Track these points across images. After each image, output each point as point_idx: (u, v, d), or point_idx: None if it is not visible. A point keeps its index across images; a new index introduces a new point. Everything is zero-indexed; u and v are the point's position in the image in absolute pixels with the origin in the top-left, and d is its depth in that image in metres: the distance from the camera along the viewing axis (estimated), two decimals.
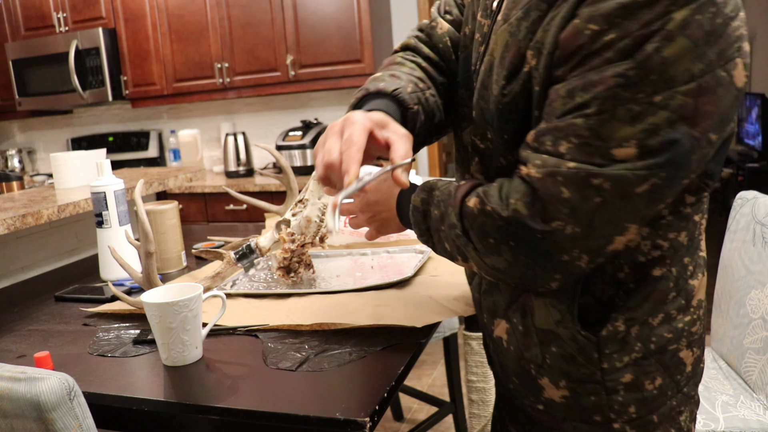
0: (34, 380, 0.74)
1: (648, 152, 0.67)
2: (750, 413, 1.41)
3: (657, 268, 0.81)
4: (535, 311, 0.86)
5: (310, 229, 1.33)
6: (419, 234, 0.91)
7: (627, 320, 0.82)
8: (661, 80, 0.66)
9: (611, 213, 0.70)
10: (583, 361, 0.84)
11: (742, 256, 1.56)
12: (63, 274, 1.70)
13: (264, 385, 0.92)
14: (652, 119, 0.67)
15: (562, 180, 0.70)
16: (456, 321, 2.12)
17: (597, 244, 0.73)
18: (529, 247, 0.74)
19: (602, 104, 0.68)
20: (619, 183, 0.69)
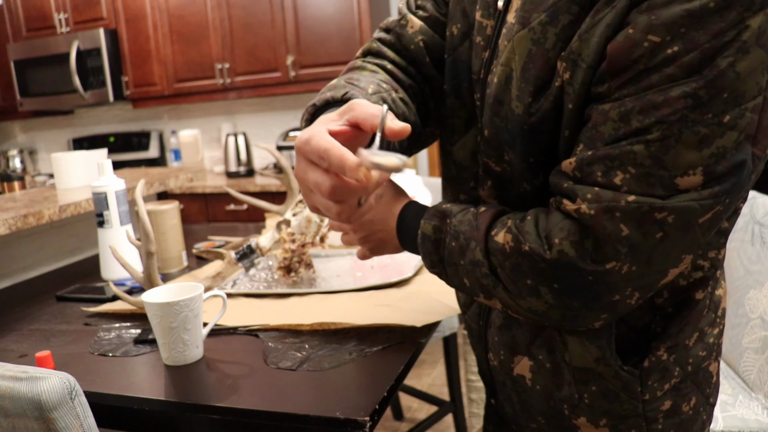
0: (36, 380, 0.74)
1: (714, 179, 0.60)
2: (748, 413, 1.41)
3: (699, 290, 0.75)
4: (568, 348, 0.78)
5: (310, 229, 1.33)
6: (429, 265, 0.81)
7: (669, 348, 0.76)
8: (731, 98, 0.58)
9: (670, 247, 0.63)
10: (627, 397, 0.77)
11: (741, 255, 1.57)
12: (64, 274, 1.71)
13: (264, 384, 0.93)
14: (721, 142, 0.59)
15: (621, 216, 0.62)
16: (456, 321, 2.12)
17: (651, 279, 0.66)
18: (578, 290, 0.66)
19: (668, 129, 0.59)
20: (684, 215, 0.61)
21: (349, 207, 0.70)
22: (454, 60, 0.84)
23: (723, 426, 1.37)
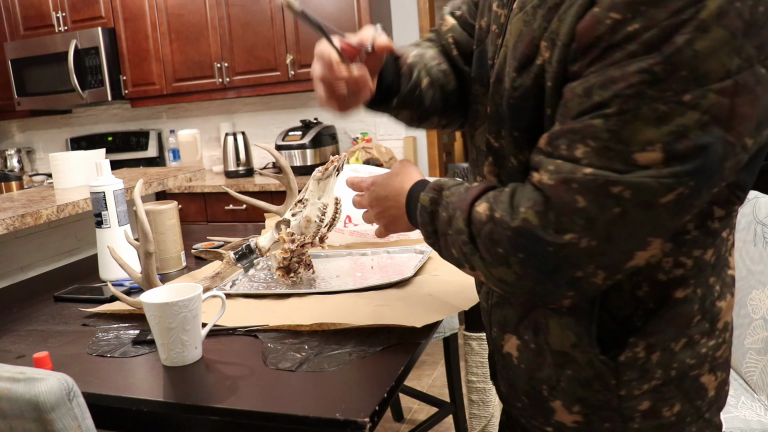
0: (33, 381, 0.74)
1: (675, 158, 0.60)
2: (751, 414, 1.40)
3: (680, 289, 0.75)
4: (549, 330, 0.80)
5: (309, 229, 1.32)
6: (426, 236, 0.85)
7: (648, 346, 0.76)
8: (692, 77, 0.59)
9: (632, 225, 0.63)
10: (600, 388, 0.78)
11: (743, 256, 1.56)
12: (62, 275, 1.70)
13: (264, 385, 0.92)
14: (681, 120, 0.59)
15: (578, 187, 0.64)
16: (456, 321, 2.12)
17: (615, 259, 0.66)
18: (540, 261, 0.68)
19: (624, 103, 0.61)
20: (641, 192, 0.62)
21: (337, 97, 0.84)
22: (480, 51, 0.90)
23: (725, 427, 1.37)
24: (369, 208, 1.00)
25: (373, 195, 0.99)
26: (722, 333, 0.80)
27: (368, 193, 1.00)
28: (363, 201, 1.02)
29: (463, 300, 1.17)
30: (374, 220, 1.00)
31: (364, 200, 1.01)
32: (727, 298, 0.80)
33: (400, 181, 0.93)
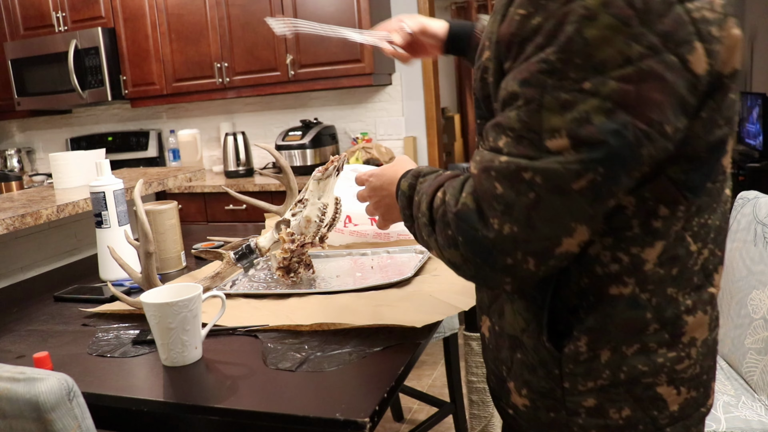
0: (33, 381, 0.74)
1: (582, 144, 0.62)
2: (751, 414, 1.40)
3: (613, 285, 0.74)
4: (505, 315, 0.84)
5: (309, 229, 1.32)
6: (405, 219, 0.88)
7: (590, 342, 0.76)
8: (588, 65, 0.61)
9: (550, 211, 0.65)
10: (544, 374, 0.80)
11: (743, 256, 1.56)
12: (62, 275, 1.70)
13: (264, 385, 0.92)
14: (583, 107, 0.62)
15: (495, 175, 0.67)
16: (456, 321, 2.12)
17: (541, 246, 0.67)
18: (475, 245, 0.70)
19: (530, 94, 0.64)
20: (550, 177, 0.64)
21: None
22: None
23: (726, 427, 1.37)
24: (368, 199, 1.04)
25: (369, 186, 1.03)
26: (687, 348, 0.78)
27: (367, 185, 1.04)
28: (363, 193, 1.05)
29: (463, 300, 1.17)
30: (374, 211, 1.04)
31: (364, 192, 1.05)
32: (698, 314, 0.77)
33: (393, 171, 0.98)
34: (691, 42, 0.62)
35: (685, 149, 0.68)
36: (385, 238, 1.65)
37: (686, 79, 0.63)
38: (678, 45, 0.61)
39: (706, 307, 0.78)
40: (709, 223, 0.75)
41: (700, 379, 0.81)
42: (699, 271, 0.77)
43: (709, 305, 0.79)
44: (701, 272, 0.77)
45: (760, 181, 4.50)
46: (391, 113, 3.58)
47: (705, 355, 0.81)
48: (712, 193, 0.74)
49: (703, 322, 0.78)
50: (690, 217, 0.73)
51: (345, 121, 3.66)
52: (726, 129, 0.70)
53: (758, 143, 4.82)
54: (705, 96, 0.66)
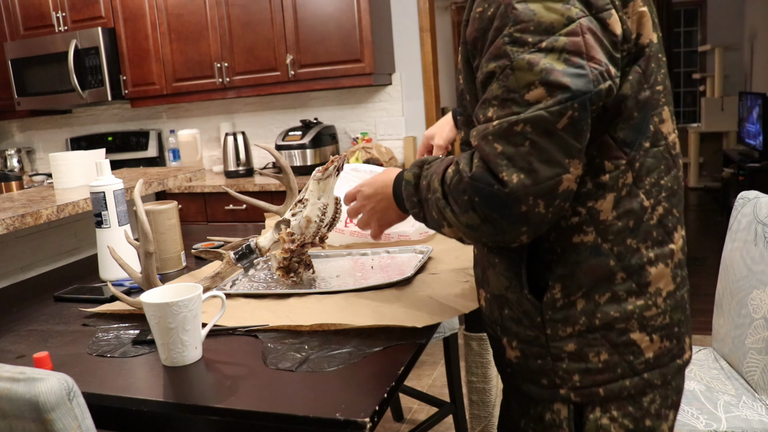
0: (34, 381, 0.73)
1: (554, 88, 0.76)
2: (752, 413, 1.40)
3: (576, 235, 0.88)
4: (490, 280, 0.98)
5: (310, 229, 1.32)
6: (411, 206, 0.97)
7: (564, 288, 0.89)
8: (540, 29, 0.78)
9: (546, 153, 0.78)
10: (528, 324, 0.93)
11: (744, 255, 1.56)
12: (62, 274, 1.70)
13: (264, 385, 0.92)
14: (546, 61, 0.77)
15: (492, 138, 0.80)
16: (456, 321, 2.12)
17: (547, 186, 0.79)
18: (492, 201, 0.81)
19: (503, 64, 0.79)
20: (538, 123, 0.77)
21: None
22: None
23: (726, 426, 1.37)
24: (361, 209, 1.12)
25: (361, 196, 1.12)
26: (654, 297, 0.90)
27: (359, 196, 1.12)
28: (356, 206, 1.14)
29: (463, 303, 1.17)
30: (367, 220, 1.12)
31: (356, 205, 1.13)
32: (660, 266, 0.90)
33: (383, 178, 1.09)
34: (609, 9, 0.80)
35: (619, 107, 0.84)
36: (385, 238, 1.65)
37: (609, 38, 0.80)
38: (599, 11, 0.79)
39: (667, 260, 0.91)
40: (661, 183, 0.90)
41: (671, 330, 0.93)
42: (657, 226, 0.90)
43: (670, 259, 0.91)
44: (660, 228, 0.90)
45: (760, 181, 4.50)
46: (391, 113, 3.58)
47: (674, 308, 0.93)
48: (657, 155, 0.89)
49: (665, 273, 0.91)
50: (641, 176, 0.87)
51: (345, 121, 3.66)
52: (649, 93, 0.86)
53: (758, 143, 4.82)
54: (632, 60, 0.84)
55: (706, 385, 1.52)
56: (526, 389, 0.97)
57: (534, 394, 0.96)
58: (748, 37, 6.48)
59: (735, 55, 6.87)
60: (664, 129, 0.90)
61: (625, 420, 0.93)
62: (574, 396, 0.92)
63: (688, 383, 1.54)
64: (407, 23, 3.50)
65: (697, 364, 1.64)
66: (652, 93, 0.87)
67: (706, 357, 1.68)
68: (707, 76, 7.03)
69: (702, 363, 1.64)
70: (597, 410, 0.92)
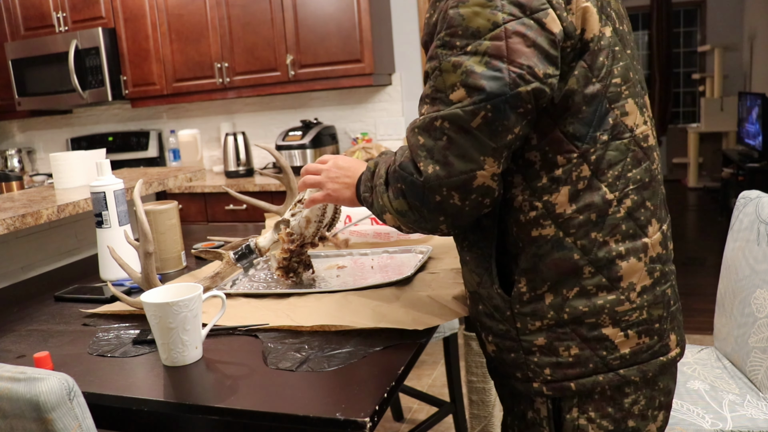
0: (34, 380, 0.73)
1: (472, 90, 0.82)
2: (757, 412, 1.40)
3: (534, 228, 0.91)
4: (465, 278, 1.03)
5: (309, 230, 1.32)
6: (364, 190, 1.02)
7: (529, 282, 0.92)
8: (467, 33, 0.83)
9: (461, 149, 0.84)
10: (500, 318, 0.96)
11: (746, 255, 1.56)
12: (62, 274, 1.70)
13: (264, 385, 0.92)
14: (468, 63, 0.82)
15: (417, 130, 0.88)
16: (456, 321, 2.12)
17: (460, 180, 0.85)
18: (412, 189, 0.88)
19: (433, 65, 0.86)
20: (454, 120, 0.83)
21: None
22: None
23: (732, 426, 1.37)
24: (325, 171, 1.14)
25: (333, 162, 1.14)
26: (626, 292, 0.90)
27: (331, 160, 1.15)
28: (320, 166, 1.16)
29: (463, 306, 1.16)
30: (323, 182, 1.13)
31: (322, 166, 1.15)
32: (631, 261, 0.90)
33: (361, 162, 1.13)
34: (545, 9, 0.82)
35: (567, 102, 0.86)
36: (385, 238, 1.65)
37: (545, 37, 0.82)
38: (533, 12, 0.82)
39: (639, 255, 0.91)
40: (628, 176, 0.90)
41: (650, 326, 0.93)
42: (626, 219, 0.90)
43: (643, 253, 0.91)
44: (630, 221, 0.90)
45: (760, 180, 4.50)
46: (391, 113, 3.57)
47: (652, 304, 0.92)
48: (620, 148, 0.89)
49: (638, 268, 0.91)
50: (601, 169, 0.88)
51: (345, 121, 3.66)
52: (599, 86, 0.87)
53: (757, 143, 4.82)
54: (576, 56, 0.86)
55: (711, 384, 1.53)
56: (508, 384, 1.01)
57: (516, 388, 0.99)
58: (748, 38, 6.48)
59: (734, 55, 6.87)
60: (629, 122, 0.90)
61: (604, 421, 0.93)
62: (546, 389, 0.94)
63: (692, 383, 1.54)
64: (407, 23, 3.50)
65: (700, 364, 1.64)
66: (606, 86, 0.87)
67: (709, 356, 1.68)
68: (707, 76, 7.03)
69: (705, 362, 1.64)
70: (574, 411, 0.94)
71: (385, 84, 3.52)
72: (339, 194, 1.11)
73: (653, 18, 7.37)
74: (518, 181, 0.91)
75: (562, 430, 0.95)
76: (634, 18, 7.80)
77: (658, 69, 7.48)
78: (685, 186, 7.18)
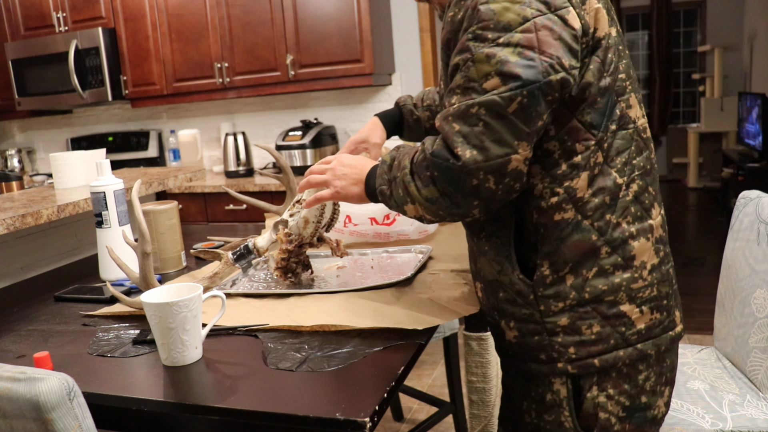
0: (34, 380, 0.73)
1: (507, 78, 0.86)
2: (757, 412, 1.40)
3: (557, 213, 0.96)
4: (483, 268, 1.06)
5: (307, 230, 1.32)
6: (380, 183, 1.04)
7: (552, 265, 0.97)
8: (499, 27, 0.88)
9: (497, 134, 0.88)
10: (523, 302, 1.00)
11: (747, 255, 1.56)
12: (63, 274, 1.70)
13: (264, 385, 0.92)
14: (501, 54, 0.87)
15: (452, 118, 0.91)
16: (456, 321, 2.12)
17: (496, 163, 0.89)
18: (447, 174, 0.91)
19: (465, 56, 0.90)
20: (491, 107, 0.87)
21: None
22: None
23: (732, 426, 1.37)
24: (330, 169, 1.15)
25: (339, 161, 1.15)
26: (639, 270, 0.98)
27: (335, 159, 1.16)
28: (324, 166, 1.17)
29: (464, 307, 1.17)
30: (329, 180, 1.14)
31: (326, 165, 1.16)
32: (642, 241, 0.98)
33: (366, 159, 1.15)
34: (566, 7, 0.89)
35: (584, 94, 0.93)
36: (385, 238, 1.65)
37: (569, 32, 0.89)
38: (557, 9, 0.89)
39: (647, 235, 0.99)
40: (633, 163, 0.97)
41: (660, 302, 1.00)
42: (634, 202, 0.97)
43: (650, 234, 0.99)
44: (637, 204, 0.98)
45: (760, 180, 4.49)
46: None
47: (660, 281, 1.00)
48: (626, 137, 0.97)
49: (647, 247, 0.98)
50: (611, 156, 0.96)
51: (345, 121, 3.66)
52: (610, 80, 0.94)
53: (757, 143, 4.81)
54: (590, 52, 0.93)
55: (711, 384, 1.52)
56: (526, 368, 1.03)
57: (535, 372, 1.02)
58: (748, 38, 6.48)
59: (734, 55, 6.87)
60: (632, 114, 0.98)
61: (621, 397, 0.99)
62: (571, 368, 0.98)
63: (692, 382, 1.54)
64: (407, 23, 3.50)
65: (700, 363, 1.64)
66: (615, 80, 0.95)
67: (709, 356, 1.68)
68: (707, 76, 7.03)
69: (705, 362, 1.64)
70: (594, 389, 0.99)
71: (385, 84, 3.52)
72: (346, 191, 1.12)
73: (653, 18, 7.38)
74: (536, 170, 0.96)
75: (582, 408, 1.00)
76: (634, 18, 7.80)
77: (658, 69, 7.48)
78: (685, 186, 7.18)
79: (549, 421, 1.03)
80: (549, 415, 1.03)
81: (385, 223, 1.62)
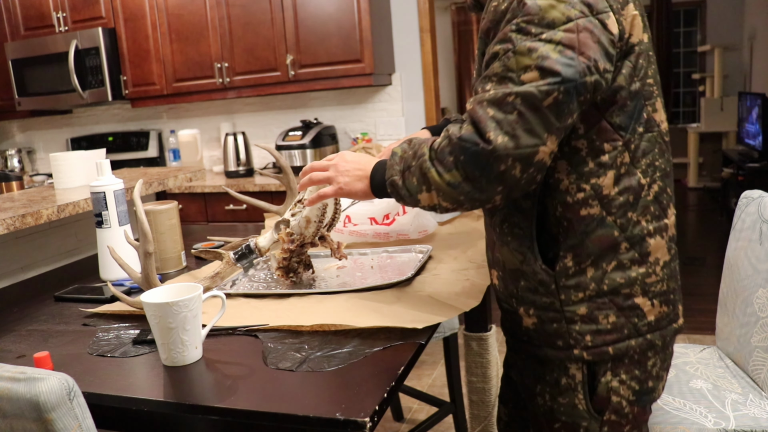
0: (34, 380, 0.73)
1: (546, 73, 0.89)
2: (760, 412, 1.40)
3: (583, 208, 1.00)
4: (504, 257, 1.09)
5: (309, 230, 1.32)
6: (391, 174, 1.04)
7: (575, 257, 1.01)
8: (543, 23, 0.90)
9: (529, 124, 0.90)
10: (544, 291, 1.04)
11: (749, 255, 1.56)
12: (63, 275, 1.70)
13: (264, 385, 0.92)
14: (543, 49, 0.90)
15: (487, 104, 0.93)
16: (456, 321, 2.11)
17: (525, 152, 0.91)
18: (475, 158, 0.93)
19: (506, 47, 0.93)
20: (527, 98, 0.90)
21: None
22: None
23: (735, 425, 1.37)
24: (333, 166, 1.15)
25: (340, 157, 1.16)
26: (653, 266, 1.03)
27: (337, 156, 1.17)
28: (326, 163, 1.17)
29: (464, 301, 1.17)
30: (332, 177, 1.15)
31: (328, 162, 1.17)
32: (657, 239, 1.03)
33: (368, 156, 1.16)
34: (607, 12, 0.92)
35: (615, 97, 0.96)
36: (384, 238, 1.65)
37: (607, 36, 0.92)
38: (599, 13, 0.92)
39: (663, 233, 1.04)
40: (656, 165, 1.02)
41: (668, 296, 1.06)
42: (654, 202, 1.02)
43: (665, 232, 1.04)
44: (656, 204, 1.02)
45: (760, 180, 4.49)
46: (391, 113, 3.57)
47: (669, 277, 1.06)
48: (651, 140, 1.01)
49: (661, 245, 1.04)
50: (637, 157, 0.99)
51: (345, 121, 3.66)
52: (639, 84, 0.98)
53: (757, 143, 4.81)
54: (623, 56, 0.96)
55: (713, 384, 1.52)
56: (542, 353, 1.08)
57: (550, 357, 1.07)
58: (748, 38, 6.48)
59: (734, 55, 6.87)
60: (657, 118, 1.02)
61: (632, 382, 1.05)
62: (586, 355, 1.03)
63: (694, 382, 1.54)
64: (407, 23, 3.50)
65: (702, 363, 1.64)
66: (643, 85, 0.99)
67: (711, 356, 1.67)
68: (707, 76, 7.03)
69: (707, 362, 1.64)
70: (608, 374, 1.04)
71: (385, 84, 3.52)
72: (351, 187, 1.13)
73: (653, 18, 7.37)
74: (563, 167, 0.99)
75: (596, 392, 1.05)
76: None
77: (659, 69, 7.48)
78: (685, 186, 7.18)
79: (563, 404, 1.08)
80: (563, 398, 1.07)
81: (384, 223, 1.62)
